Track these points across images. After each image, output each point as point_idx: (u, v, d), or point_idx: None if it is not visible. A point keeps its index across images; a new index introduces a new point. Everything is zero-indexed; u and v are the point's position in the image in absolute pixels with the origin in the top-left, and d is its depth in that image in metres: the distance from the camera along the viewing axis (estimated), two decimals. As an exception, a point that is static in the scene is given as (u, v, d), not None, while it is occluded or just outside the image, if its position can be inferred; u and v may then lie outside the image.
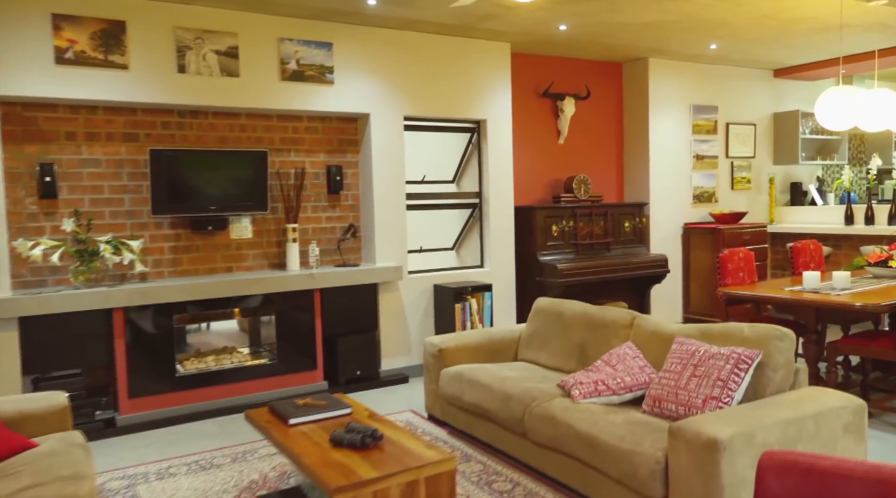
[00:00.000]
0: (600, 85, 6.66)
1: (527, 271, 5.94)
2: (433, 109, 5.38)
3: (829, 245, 6.85)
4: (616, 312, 3.80)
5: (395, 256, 5.24)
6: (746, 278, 4.86)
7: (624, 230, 6.35)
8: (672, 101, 6.71)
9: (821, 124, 4.49)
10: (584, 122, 6.56)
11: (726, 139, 7.11)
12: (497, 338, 4.32)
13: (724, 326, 3.15)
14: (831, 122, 4.36)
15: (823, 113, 4.35)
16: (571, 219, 6.02)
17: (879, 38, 5.99)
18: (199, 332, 4.72)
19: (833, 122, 4.35)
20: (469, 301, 5.28)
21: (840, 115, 4.31)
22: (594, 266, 5.86)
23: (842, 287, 4.29)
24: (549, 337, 4.13)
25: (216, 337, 4.80)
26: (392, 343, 5.23)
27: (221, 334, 4.80)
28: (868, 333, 4.19)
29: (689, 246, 6.81)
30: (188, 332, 4.68)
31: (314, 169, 5.12)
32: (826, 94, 4.36)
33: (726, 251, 4.80)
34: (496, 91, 5.66)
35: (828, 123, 4.37)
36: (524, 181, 6.23)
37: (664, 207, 6.72)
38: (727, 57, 6.64)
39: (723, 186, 7.12)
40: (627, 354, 3.46)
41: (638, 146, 6.73)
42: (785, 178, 7.65)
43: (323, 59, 4.84)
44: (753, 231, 6.74)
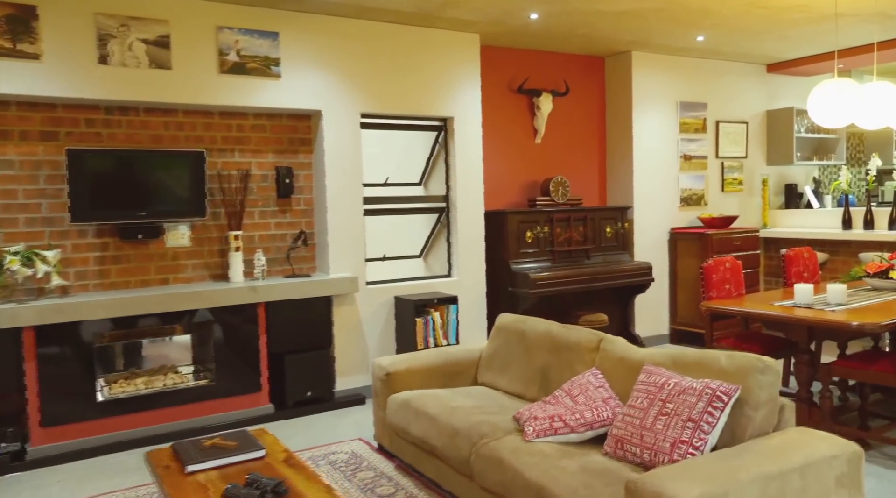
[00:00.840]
0: (581, 80, 6.23)
1: (499, 281, 5.50)
2: (393, 106, 4.95)
3: (826, 251, 6.42)
4: (581, 333, 3.37)
5: (351, 266, 4.80)
6: (733, 290, 4.43)
7: (605, 236, 5.91)
8: (657, 97, 6.28)
9: (814, 121, 4.07)
10: (562, 121, 6.13)
11: (716, 138, 6.68)
12: (454, 359, 3.88)
13: (698, 354, 2.72)
14: (825, 119, 3.93)
15: (817, 109, 3.92)
16: (548, 224, 5.59)
17: (878, 30, 5.57)
18: (129, 351, 4.29)
19: (827, 118, 3.93)
20: (432, 315, 4.85)
21: (835, 110, 3.89)
22: (571, 275, 5.43)
23: (837, 302, 3.86)
24: (511, 359, 3.69)
25: (151, 356, 4.37)
26: (348, 361, 4.80)
27: (155, 354, 4.37)
28: (866, 354, 3.76)
29: (677, 252, 6.38)
30: (116, 352, 4.24)
31: (262, 171, 4.68)
32: (819, 88, 3.94)
33: (711, 261, 4.37)
34: (464, 86, 5.23)
35: (822, 120, 3.95)
36: (497, 184, 5.80)
37: (649, 211, 6.29)
38: (716, 50, 6.21)
39: (712, 188, 6.69)
40: (591, 383, 3.03)
41: (621, 146, 6.30)
42: (779, 179, 7.22)
43: (268, 51, 4.41)
44: (745, 236, 6.31)
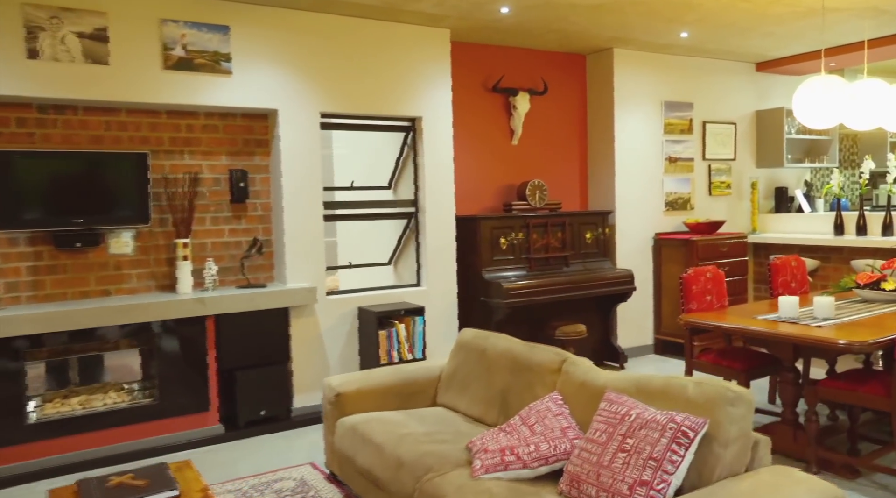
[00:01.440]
0: (561, 79, 5.95)
1: (472, 291, 5.22)
2: (357, 105, 4.66)
3: (818, 258, 6.15)
4: (544, 353, 3.08)
5: (310, 275, 4.52)
6: (715, 302, 4.15)
7: (585, 242, 5.63)
8: (641, 97, 6.00)
9: (800, 121, 3.79)
10: (541, 121, 5.85)
11: (703, 139, 6.40)
12: (412, 378, 3.59)
13: (664, 381, 2.44)
14: (812, 119, 3.66)
15: (803, 108, 3.65)
16: (523, 230, 5.30)
17: (871, 26, 5.29)
18: (65, 369, 3.99)
19: (814, 118, 3.65)
20: (396, 327, 4.56)
21: (822, 110, 3.61)
22: (547, 284, 5.14)
23: (824, 316, 3.58)
24: (471, 379, 3.41)
25: (89, 374, 4.07)
26: (307, 377, 4.51)
27: (94, 371, 4.07)
28: (856, 374, 3.48)
29: (661, 259, 6.10)
30: (51, 370, 3.94)
31: (214, 174, 4.40)
32: (805, 86, 3.66)
33: (691, 271, 4.09)
34: (433, 84, 4.95)
35: (808, 120, 3.67)
36: (471, 187, 5.52)
37: (632, 216, 6.01)
38: (702, 48, 5.93)
39: (699, 192, 6.41)
40: (550, 410, 2.74)
41: (603, 148, 6.02)
42: (769, 182, 6.94)
43: (218, 45, 4.12)
44: (732, 242, 6.03)
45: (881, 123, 3.87)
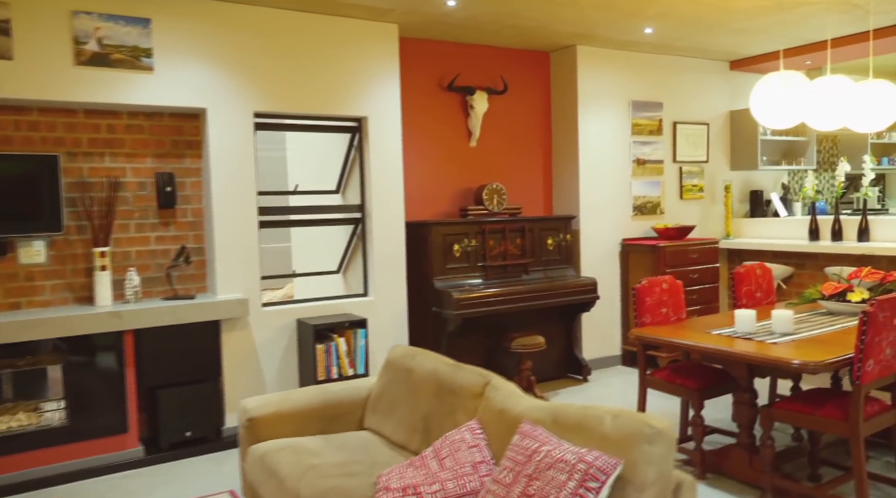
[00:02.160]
0: (523, 77, 5.68)
1: (423, 301, 4.94)
2: (296, 105, 4.38)
3: (792, 264, 5.89)
4: (468, 375, 2.80)
5: (243, 285, 4.24)
6: (672, 315, 3.88)
7: (546, 249, 5.36)
8: (607, 96, 5.74)
9: (758, 121, 3.53)
10: (501, 121, 5.58)
11: (673, 141, 6.14)
12: (337, 398, 3.30)
13: (581, 413, 2.16)
14: (770, 119, 3.39)
15: (760, 107, 3.38)
16: (479, 236, 5.03)
17: (843, 21, 5.04)
18: (-32, 387, 3.71)
19: (773, 118, 3.38)
20: (336, 341, 4.28)
21: (781, 108, 3.34)
22: (503, 293, 4.87)
23: (783, 331, 3.31)
24: (397, 401, 3.13)
25: None
26: (241, 394, 4.22)
27: (2, 391, 3.78)
28: (815, 395, 3.20)
29: (629, 266, 5.83)
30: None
31: (139, 177, 4.11)
32: (762, 83, 3.39)
33: (645, 281, 3.82)
34: (380, 82, 4.67)
35: (766, 120, 3.41)
36: (426, 191, 5.24)
37: (598, 221, 5.73)
38: (671, 45, 5.67)
39: (670, 196, 6.15)
40: (465, 442, 2.46)
41: (567, 150, 5.75)
42: (744, 185, 6.68)
43: (137, 40, 3.84)
44: (703, 248, 5.76)
45: (846, 123, 3.61)
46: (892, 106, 3.65)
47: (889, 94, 3.66)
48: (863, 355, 2.78)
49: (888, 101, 3.65)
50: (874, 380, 2.86)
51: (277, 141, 6.21)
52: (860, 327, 2.78)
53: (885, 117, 3.66)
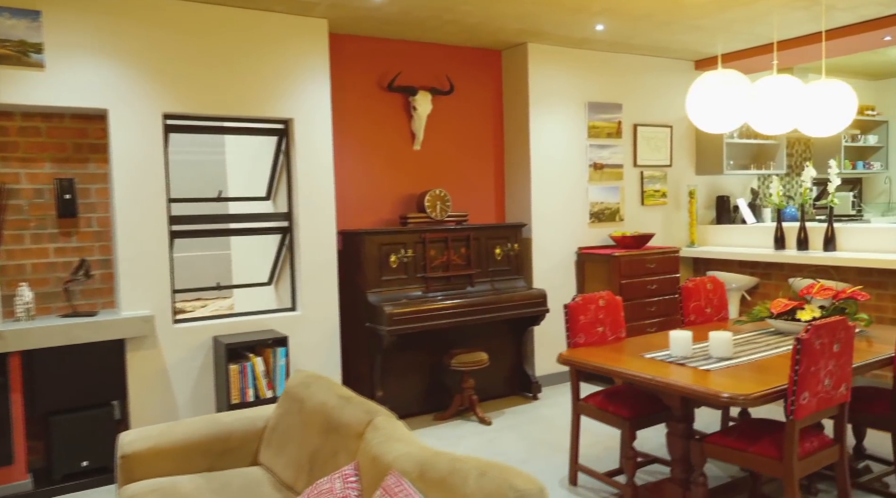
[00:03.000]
0: (473, 77, 5.37)
1: (357, 316, 4.64)
2: (213, 105, 4.07)
3: (758, 274, 5.59)
4: (354, 411, 2.49)
5: (152, 300, 3.92)
6: (609, 334, 3.58)
7: (495, 259, 5.06)
8: (561, 97, 5.43)
9: (694, 124, 3.22)
10: (448, 123, 5.27)
11: (634, 144, 5.84)
12: (229, 430, 2.98)
13: (450, 466, 1.84)
14: (708, 121, 3.09)
15: (697, 109, 3.08)
16: (418, 246, 4.72)
17: (808, 17, 4.75)
18: None
19: (710, 120, 3.08)
20: (252, 361, 3.97)
21: (719, 110, 3.04)
22: (441, 308, 4.56)
23: (720, 356, 3.01)
24: (290, 434, 2.81)
25: None
26: (149, 420, 3.90)
27: None
28: (752, 428, 2.90)
29: (584, 276, 5.53)
30: None
31: (35, 184, 3.79)
32: (698, 82, 3.09)
33: (578, 298, 3.51)
34: (309, 82, 4.36)
35: (703, 123, 3.11)
36: (365, 198, 4.93)
37: (552, 229, 5.43)
38: (627, 43, 5.37)
39: (630, 202, 5.85)
40: (334, 491, 2.15)
41: (519, 153, 5.45)
42: (711, 190, 6.39)
43: (25, 33, 3.52)
44: (662, 257, 5.46)
45: (796, 126, 3.31)
46: (844, 108, 3.36)
47: (841, 94, 3.36)
48: (797, 387, 2.48)
49: (840, 102, 3.36)
50: (811, 414, 2.56)
51: (216, 144, 5.90)
52: (794, 356, 2.48)
53: (836, 120, 3.36)
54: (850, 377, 2.67)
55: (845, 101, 3.35)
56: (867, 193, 7.83)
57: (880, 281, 4.78)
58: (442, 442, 4.23)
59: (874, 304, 4.83)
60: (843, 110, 3.35)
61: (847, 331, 2.62)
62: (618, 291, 5.17)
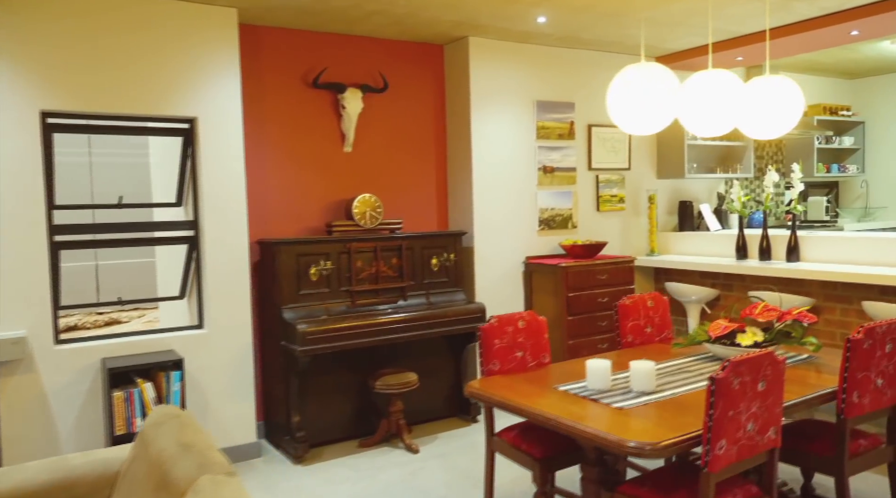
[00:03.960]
0: (411, 73, 4.99)
1: (273, 334, 4.25)
2: (101, 102, 3.67)
3: (720, 285, 5.21)
4: (186, 465, 2.09)
5: (29, 319, 3.52)
6: (530, 359, 3.19)
7: (431, 270, 4.67)
8: (506, 95, 5.05)
9: (617, 125, 2.83)
10: (383, 123, 4.89)
11: (588, 146, 5.46)
12: (75, 476, 2.57)
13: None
14: (629, 121, 2.71)
15: (618, 108, 2.70)
16: (344, 256, 4.33)
17: (757, 10, 4.38)
18: None
19: (631, 120, 2.70)
20: (141, 386, 3.58)
21: (642, 109, 2.66)
22: (364, 325, 4.16)
23: (641, 390, 2.63)
24: (135, 485, 2.42)
25: None
26: (25, 455, 3.50)
27: None
28: (670, 475, 2.51)
29: (532, 288, 5.14)
30: None
31: None
32: (618, 78, 2.70)
33: (493, 319, 3.12)
34: (216, 77, 3.96)
35: (625, 123, 2.72)
36: (289, 205, 4.54)
37: (496, 237, 5.04)
38: (575, 37, 4.98)
39: (584, 208, 5.46)
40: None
41: (461, 156, 5.07)
42: (674, 194, 6.01)
43: None
44: (615, 267, 5.07)
45: (733, 126, 2.93)
46: (789, 107, 2.98)
47: (786, 92, 2.98)
48: (711, 435, 2.10)
49: (784, 101, 2.98)
50: (729, 465, 2.18)
51: (139, 145, 5.50)
52: (707, 398, 2.10)
53: (780, 121, 2.98)
54: (779, 419, 2.29)
55: (790, 99, 2.97)
56: (844, 198, 7.47)
57: (845, 295, 4.41)
58: (359, 474, 3.84)
59: (838, 319, 4.46)
60: (788, 110, 2.97)
61: (775, 366, 2.24)
62: (565, 304, 4.79)
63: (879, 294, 4.20)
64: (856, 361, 2.52)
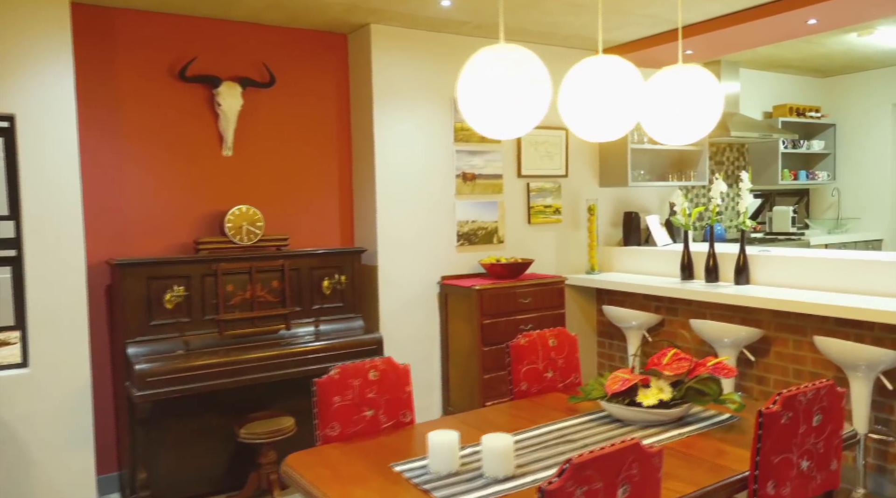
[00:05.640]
0: (307, 65, 4.33)
1: (117, 374, 3.59)
2: None
3: (663, 310, 4.57)
4: None
5: None
6: (384, 419, 2.51)
7: (322, 294, 4.02)
8: (416, 91, 4.40)
9: (471, 126, 2.19)
10: (272, 124, 4.23)
11: (518, 150, 4.82)
12: None
13: None
14: (482, 122, 2.07)
15: (468, 105, 2.06)
16: (209, 279, 3.68)
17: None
18: None
19: (484, 121, 2.06)
20: (-80, 445, 2.91)
21: (496, 107, 2.02)
22: (223, 364, 3.48)
23: (493, 475, 1.98)
24: None
25: None
26: None
27: None
28: None
29: (448, 314, 4.50)
30: None
31: None
32: (469, 66, 2.05)
33: (335, 371, 2.46)
34: (40, 67, 3.28)
35: (479, 125, 2.09)
36: (155, 219, 3.88)
37: (405, 254, 4.39)
38: (496, 26, 4.34)
39: (513, 220, 4.82)
40: None
41: (365, 161, 4.42)
42: (620, 204, 5.37)
43: None
44: (541, 289, 4.42)
45: (626, 129, 2.29)
46: (702, 108, 2.34)
47: (699, 88, 2.34)
48: (541, 573, 1.45)
49: (698, 100, 2.34)
50: None
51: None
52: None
53: (690, 124, 2.34)
54: (656, 534, 1.65)
55: (704, 98, 2.33)
56: (815, 207, 6.85)
57: (798, 325, 3.77)
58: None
59: (790, 352, 3.82)
60: (701, 111, 2.34)
61: (643, 461, 1.60)
62: (478, 333, 4.15)
63: (836, 326, 3.57)
64: (771, 440, 1.87)
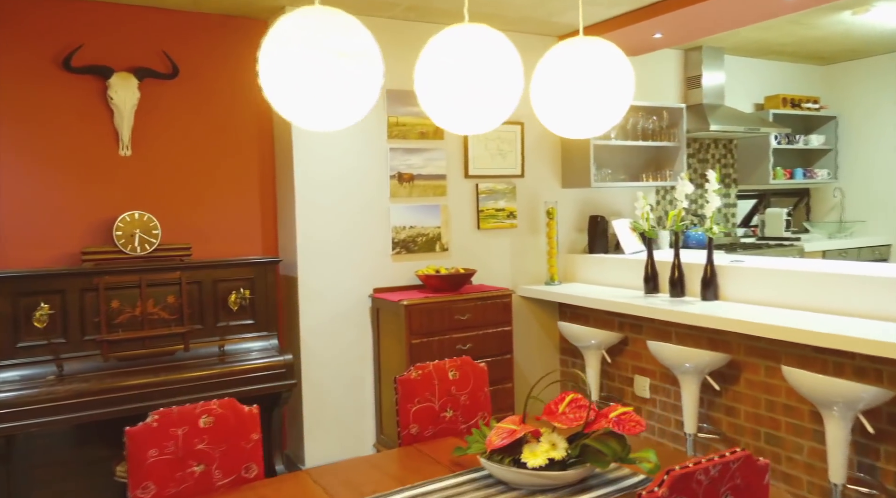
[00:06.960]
0: (218, 55, 3.86)
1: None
2: None
3: (627, 328, 4.03)
4: None
5: None
6: (219, 476, 2.03)
7: (229, 310, 3.56)
8: (351, 82, 3.93)
9: (290, 122, 1.70)
10: (177, 120, 3.76)
11: (465, 147, 4.31)
12: None
13: None
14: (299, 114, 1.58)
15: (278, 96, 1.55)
16: (90, 294, 3.23)
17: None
18: None
19: (301, 112, 1.58)
20: None
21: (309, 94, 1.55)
22: (100, 391, 3.04)
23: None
24: None
25: None
26: None
27: None
28: None
29: (380, 330, 4.01)
30: None
31: None
32: (268, 39, 1.55)
33: (153, 419, 2.00)
34: None
35: (298, 121, 1.59)
36: (39, 226, 3.44)
37: (331, 264, 3.90)
38: (429, 7, 3.83)
39: (459, 225, 4.31)
40: None
41: (285, 161, 3.95)
42: (586, 207, 4.83)
43: None
44: (483, 304, 3.90)
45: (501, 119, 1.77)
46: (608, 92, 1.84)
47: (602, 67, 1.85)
48: None
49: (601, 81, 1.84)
50: None
51: None
52: None
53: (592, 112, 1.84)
54: None
55: (606, 79, 1.83)
56: (816, 209, 6.24)
57: (770, 349, 3.22)
58: None
59: (762, 381, 3.27)
60: (603, 96, 1.83)
61: None
62: (407, 354, 3.65)
63: (813, 352, 3.01)
64: (658, 538, 1.36)
